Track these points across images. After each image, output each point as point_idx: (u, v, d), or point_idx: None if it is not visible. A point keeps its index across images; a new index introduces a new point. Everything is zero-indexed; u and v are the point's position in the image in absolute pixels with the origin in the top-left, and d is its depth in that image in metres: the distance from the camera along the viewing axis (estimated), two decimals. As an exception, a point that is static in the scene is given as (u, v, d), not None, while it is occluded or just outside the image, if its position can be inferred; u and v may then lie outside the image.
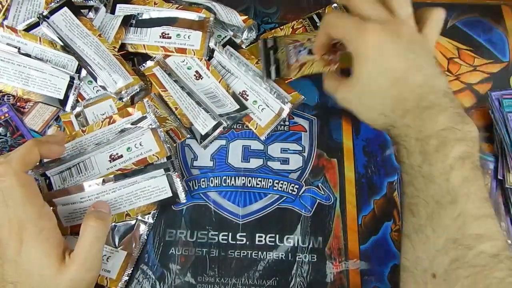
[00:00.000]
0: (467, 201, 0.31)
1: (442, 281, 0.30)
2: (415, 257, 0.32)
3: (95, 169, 0.40)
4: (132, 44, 0.47)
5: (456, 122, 0.33)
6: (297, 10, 0.52)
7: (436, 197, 0.32)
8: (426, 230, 0.32)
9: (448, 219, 0.31)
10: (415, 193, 0.33)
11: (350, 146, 0.44)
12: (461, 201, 0.31)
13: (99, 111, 0.44)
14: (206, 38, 0.46)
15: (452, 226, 0.31)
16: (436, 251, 0.31)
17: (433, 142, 0.33)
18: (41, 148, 0.35)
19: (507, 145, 0.42)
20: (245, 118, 0.45)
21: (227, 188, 0.42)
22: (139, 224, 0.40)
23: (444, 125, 0.33)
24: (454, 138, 0.32)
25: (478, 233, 0.30)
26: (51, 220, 0.34)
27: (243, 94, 0.45)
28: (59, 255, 0.33)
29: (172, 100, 0.45)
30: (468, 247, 0.30)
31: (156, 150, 0.41)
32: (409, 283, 0.32)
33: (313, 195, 0.42)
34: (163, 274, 0.39)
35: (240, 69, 0.46)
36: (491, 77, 0.48)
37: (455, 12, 0.52)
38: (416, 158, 0.33)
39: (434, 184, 0.32)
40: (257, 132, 0.44)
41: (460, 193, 0.31)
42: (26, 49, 0.44)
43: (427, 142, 0.33)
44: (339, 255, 0.39)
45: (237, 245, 0.40)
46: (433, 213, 0.32)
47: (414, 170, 0.34)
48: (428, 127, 0.33)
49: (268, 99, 0.45)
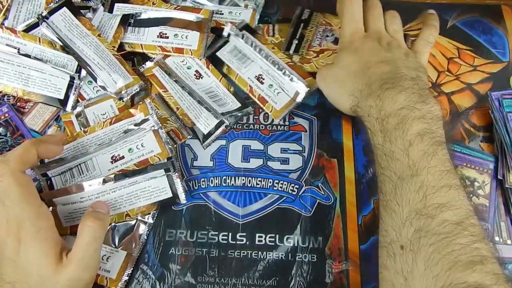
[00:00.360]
0: (428, 174, 0.32)
1: (408, 251, 0.31)
2: (385, 231, 0.34)
3: (96, 170, 0.40)
4: (129, 44, 0.47)
5: (415, 102, 0.35)
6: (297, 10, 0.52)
7: (398, 172, 0.33)
8: (392, 204, 0.33)
9: (410, 191, 0.32)
10: (381, 171, 0.35)
11: (350, 146, 0.44)
12: (422, 173, 0.32)
13: (100, 111, 0.44)
14: (204, 38, 0.46)
15: (414, 198, 0.32)
16: (402, 224, 0.32)
17: (392, 121, 0.35)
18: (39, 147, 0.35)
19: (507, 145, 0.42)
20: (260, 101, 0.45)
21: (227, 188, 0.42)
22: (139, 224, 0.40)
23: (403, 104, 0.35)
24: (413, 116, 0.34)
25: (440, 202, 0.31)
26: (48, 220, 0.34)
27: (259, 77, 0.46)
28: (56, 255, 0.33)
29: (173, 100, 0.45)
30: (430, 217, 0.31)
31: (157, 151, 0.41)
32: (383, 256, 0.33)
33: (313, 195, 0.42)
34: (163, 274, 0.39)
35: (256, 53, 0.47)
36: (491, 77, 0.48)
37: (455, 12, 0.52)
38: (378, 137, 0.36)
39: (395, 160, 0.34)
40: (272, 115, 0.45)
41: (420, 166, 0.32)
42: (26, 50, 0.44)
43: (387, 121, 0.35)
44: (339, 255, 0.39)
45: (237, 245, 0.40)
46: (396, 187, 0.33)
47: (377, 149, 0.36)
48: (388, 107, 0.35)
49: (284, 83, 0.45)
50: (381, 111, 0.36)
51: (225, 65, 0.47)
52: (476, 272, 0.28)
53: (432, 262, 0.29)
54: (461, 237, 0.30)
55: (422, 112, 0.35)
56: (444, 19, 0.45)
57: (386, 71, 0.39)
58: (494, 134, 0.44)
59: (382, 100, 0.36)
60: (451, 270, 0.28)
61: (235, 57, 0.47)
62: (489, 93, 0.45)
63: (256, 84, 0.46)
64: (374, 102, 0.37)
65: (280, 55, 0.47)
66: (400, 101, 0.35)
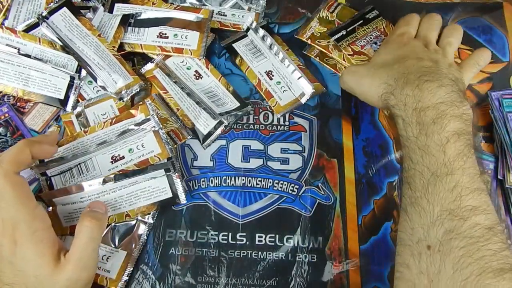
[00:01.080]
0: (463, 174, 0.31)
1: (436, 252, 0.30)
2: (411, 229, 0.32)
3: (96, 170, 0.40)
4: (129, 44, 0.47)
5: (454, 100, 0.34)
6: (297, 10, 0.52)
7: (432, 168, 0.32)
8: (422, 201, 0.32)
9: (443, 190, 0.31)
10: (412, 166, 0.34)
11: (350, 146, 0.44)
12: (457, 173, 0.31)
13: (100, 111, 0.44)
14: (204, 38, 0.46)
15: (447, 197, 0.31)
16: (431, 222, 0.31)
17: (431, 114, 0.33)
18: (33, 148, 0.35)
19: (507, 145, 0.42)
20: (266, 95, 0.46)
21: (227, 188, 0.42)
22: (139, 224, 0.40)
23: (442, 99, 0.34)
24: (451, 113, 0.33)
25: (473, 205, 0.30)
26: (44, 221, 0.34)
27: (269, 73, 0.47)
28: (54, 256, 0.33)
29: (174, 101, 0.45)
30: (463, 218, 0.30)
31: (157, 151, 0.41)
32: (405, 255, 0.32)
33: (313, 195, 0.42)
34: (163, 274, 0.39)
35: (271, 50, 0.47)
36: (491, 77, 0.48)
37: (455, 12, 0.52)
38: (413, 128, 0.34)
39: (430, 155, 0.33)
40: (275, 109, 0.45)
41: (455, 165, 0.32)
42: (26, 50, 0.44)
43: (425, 113, 0.34)
44: (339, 255, 0.39)
45: (237, 245, 0.40)
46: (429, 184, 0.32)
47: (410, 142, 0.34)
48: (427, 98, 0.34)
49: (292, 83, 0.46)
50: (419, 101, 0.34)
51: (239, 56, 0.48)
52: (506, 280, 0.28)
53: (462, 266, 0.29)
54: (492, 243, 0.29)
55: (460, 111, 0.34)
56: (444, 19, 0.45)
57: (426, 65, 0.37)
58: (494, 134, 0.44)
59: (422, 90, 0.35)
60: (481, 275, 0.28)
61: (250, 51, 0.48)
62: (489, 93, 0.45)
63: (265, 78, 0.47)
64: (412, 91, 0.35)
65: (293, 57, 0.48)
66: (440, 95, 0.34)
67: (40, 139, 0.38)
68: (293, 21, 0.52)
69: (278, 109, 0.45)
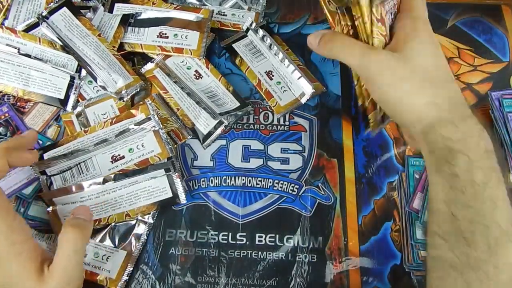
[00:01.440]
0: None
1: None
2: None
3: (96, 169, 0.40)
4: (129, 44, 0.47)
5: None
6: (297, 10, 0.52)
7: (503, 224, 0.26)
8: (487, 266, 0.26)
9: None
10: (472, 218, 0.27)
11: (350, 146, 0.44)
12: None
13: (100, 111, 0.44)
14: (204, 38, 0.46)
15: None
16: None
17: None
18: (10, 158, 0.34)
19: (507, 145, 0.42)
20: (266, 95, 0.46)
21: (227, 188, 0.42)
22: (139, 224, 0.40)
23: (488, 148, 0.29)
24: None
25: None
26: (23, 233, 0.32)
27: (269, 73, 0.47)
28: (36, 268, 0.31)
29: (174, 101, 0.45)
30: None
31: (158, 151, 0.41)
32: None
33: (313, 195, 0.42)
34: (163, 274, 0.39)
35: (270, 50, 0.47)
36: (491, 77, 0.48)
37: (455, 12, 0.52)
38: (487, 174, 0.27)
39: (501, 209, 0.26)
40: (275, 109, 0.45)
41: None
42: (26, 50, 0.44)
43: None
44: (339, 255, 0.39)
45: (237, 245, 0.40)
46: (497, 244, 0.26)
47: (474, 189, 0.27)
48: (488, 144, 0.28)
49: (292, 83, 0.46)
50: (484, 140, 0.28)
51: (239, 56, 0.48)
52: None
53: None
54: None
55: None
56: (444, 19, 0.45)
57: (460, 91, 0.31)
58: (494, 134, 0.44)
59: (483, 130, 0.29)
60: None
61: (250, 51, 0.48)
62: (489, 93, 0.45)
63: (265, 78, 0.47)
64: (476, 125, 0.28)
65: (293, 57, 0.48)
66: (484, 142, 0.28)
67: (17, 144, 0.36)
68: (293, 21, 0.52)
69: (278, 109, 0.45)
